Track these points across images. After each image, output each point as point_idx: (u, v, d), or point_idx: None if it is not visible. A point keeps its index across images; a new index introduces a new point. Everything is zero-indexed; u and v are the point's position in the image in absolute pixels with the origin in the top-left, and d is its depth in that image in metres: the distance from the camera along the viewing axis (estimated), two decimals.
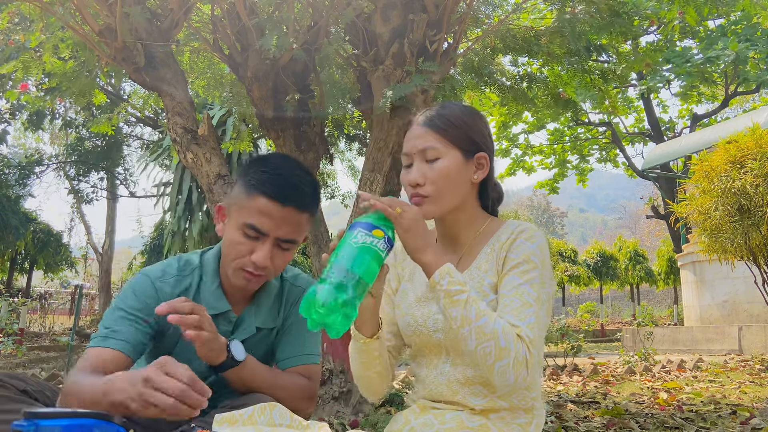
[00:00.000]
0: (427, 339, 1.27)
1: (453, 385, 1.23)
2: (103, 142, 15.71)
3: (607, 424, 3.14)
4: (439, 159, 1.24)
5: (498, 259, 1.23)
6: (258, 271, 1.35)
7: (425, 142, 1.25)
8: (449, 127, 1.26)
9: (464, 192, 1.27)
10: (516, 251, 1.21)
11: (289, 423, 1.18)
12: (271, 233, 1.33)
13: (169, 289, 1.40)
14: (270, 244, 1.33)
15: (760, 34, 8.29)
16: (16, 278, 18.57)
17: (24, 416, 0.78)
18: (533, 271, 1.18)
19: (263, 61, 3.45)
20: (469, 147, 1.26)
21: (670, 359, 7.15)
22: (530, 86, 4.80)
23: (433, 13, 3.32)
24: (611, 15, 3.81)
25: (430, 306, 1.27)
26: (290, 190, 1.33)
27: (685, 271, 10.33)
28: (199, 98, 6.28)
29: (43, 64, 3.86)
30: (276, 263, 1.36)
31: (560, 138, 15.90)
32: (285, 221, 1.33)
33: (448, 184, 1.24)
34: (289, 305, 1.52)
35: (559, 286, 22.16)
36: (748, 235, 4.14)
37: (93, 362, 1.26)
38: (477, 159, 1.28)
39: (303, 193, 1.35)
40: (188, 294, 1.41)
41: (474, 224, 1.31)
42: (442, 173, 1.23)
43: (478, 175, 1.28)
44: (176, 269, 1.44)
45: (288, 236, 1.34)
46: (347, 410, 3.30)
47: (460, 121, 1.28)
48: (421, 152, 1.25)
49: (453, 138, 1.25)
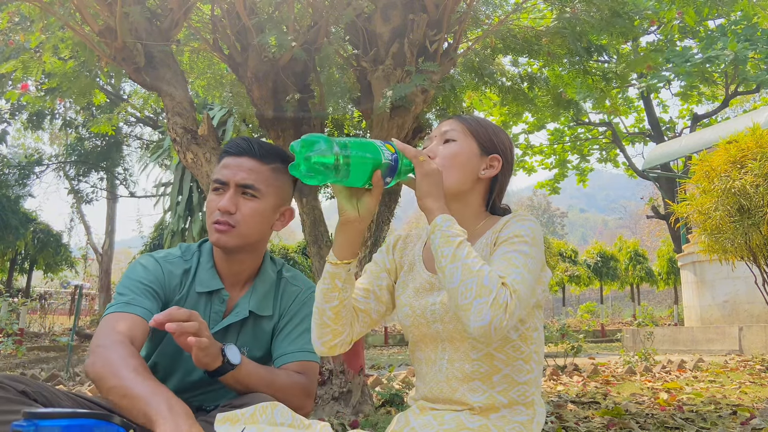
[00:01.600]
0: (425, 330, 1.27)
1: (452, 381, 1.23)
2: (103, 142, 15.72)
3: (608, 425, 3.14)
4: (453, 141, 1.31)
5: (490, 245, 1.25)
6: (224, 218, 1.42)
7: (449, 126, 1.34)
8: (476, 124, 1.34)
9: (469, 180, 1.30)
10: (506, 230, 1.22)
11: (291, 422, 1.18)
12: (230, 180, 1.44)
13: (173, 268, 1.48)
14: (232, 191, 1.43)
15: (760, 34, 8.30)
16: (16, 278, 18.57)
17: (24, 416, 0.78)
18: (522, 243, 1.18)
19: (263, 61, 3.45)
20: (487, 145, 1.32)
21: (671, 359, 7.15)
22: (531, 87, 4.79)
23: (433, 13, 3.32)
24: (611, 15, 3.80)
25: (429, 297, 1.28)
26: (243, 143, 1.48)
27: (686, 272, 10.32)
28: (199, 98, 6.28)
29: (43, 64, 3.85)
30: (243, 211, 1.43)
31: (560, 138, 15.91)
32: (241, 168, 1.44)
33: (455, 164, 1.28)
34: (285, 301, 1.54)
35: (559, 286, 22.17)
36: (748, 235, 4.14)
37: (122, 329, 1.30)
38: (491, 159, 1.32)
39: (256, 145, 1.47)
40: (188, 275, 1.48)
41: (475, 220, 1.32)
42: (453, 151, 1.30)
43: (486, 172, 1.31)
44: (180, 252, 1.53)
45: (246, 181, 1.43)
46: (347, 410, 3.30)
47: (488, 125, 1.36)
48: (442, 134, 1.33)
49: (475, 132, 1.33)
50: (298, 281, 1.58)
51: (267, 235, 1.52)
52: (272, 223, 1.51)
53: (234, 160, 1.46)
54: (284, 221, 1.54)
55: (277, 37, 3.08)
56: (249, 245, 1.47)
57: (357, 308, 1.32)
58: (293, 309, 1.53)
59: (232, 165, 1.45)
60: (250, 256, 1.50)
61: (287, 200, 1.54)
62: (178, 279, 1.48)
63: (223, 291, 1.48)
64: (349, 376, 3.33)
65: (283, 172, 1.50)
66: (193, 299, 1.47)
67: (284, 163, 1.50)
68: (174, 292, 1.46)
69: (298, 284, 1.57)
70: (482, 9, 4.23)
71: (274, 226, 1.52)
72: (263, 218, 1.46)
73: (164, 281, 1.45)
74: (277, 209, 1.50)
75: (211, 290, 1.47)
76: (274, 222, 1.51)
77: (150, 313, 1.34)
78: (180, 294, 1.46)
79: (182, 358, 1.43)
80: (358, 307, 1.32)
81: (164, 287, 1.45)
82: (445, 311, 1.24)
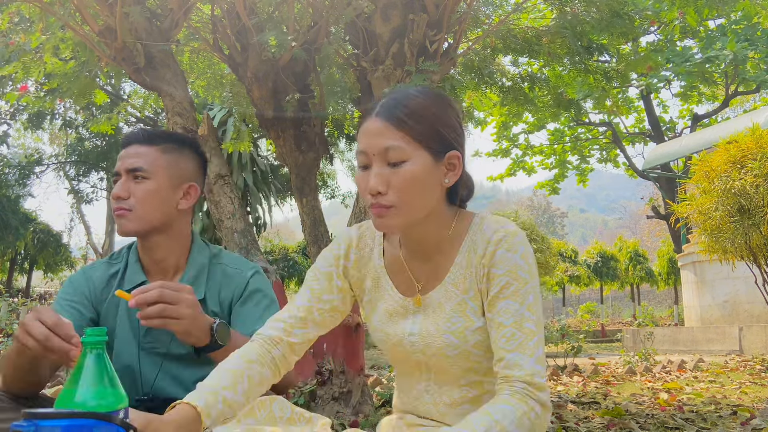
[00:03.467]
0: (405, 357, 1.17)
1: (440, 406, 1.15)
2: (103, 142, 15.73)
3: (608, 425, 3.14)
4: (404, 162, 1.04)
5: (478, 276, 1.10)
6: (118, 203, 1.43)
7: (387, 140, 1.05)
8: (415, 122, 1.06)
9: (434, 198, 1.09)
10: (500, 266, 1.08)
11: (290, 415, 1.15)
12: (121, 169, 1.46)
13: (98, 274, 1.51)
14: (124, 178, 1.45)
15: (760, 34, 8.30)
16: (16, 278, 18.57)
17: (23, 417, 0.78)
18: (524, 288, 1.06)
19: (263, 61, 3.45)
20: (439, 146, 1.07)
21: (671, 359, 7.14)
22: (531, 87, 4.79)
23: (433, 13, 3.32)
24: (611, 15, 3.80)
25: (404, 323, 1.16)
26: (131, 133, 1.53)
27: (686, 272, 10.32)
28: (199, 98, 6.28)
29: (44, 64, 3.85)
30: (136, 195, 1.43)
31: (560, 138, 15.89)
32: (128, 155, 1.47)
33: (416, 193, 1.05)
34: (225, 286, 1.50)
35: (560, 287, 22.15)
36: (748, 236, 4.14)
37: None
38: (448, 159, 1.09)
39: (141, 131, 1.51)
40: (116, 277, 1.51)
41: (443, 227, 1.14)
42: (409, 180, 1.04)
43: (449, 178, 1.10)
44: (107, 258, 1.57)
45: (133, 165, 1.45)
46: (347, 410, 3.30)
47: (428, 113, 1.07)
48: (382, 153, 1.05)
49: (420, 136, 1.05)
50: (225, 259, 1.54)
51: (175, 216, 1.48)
52: (175, 203, 1.48)
53: (125, 151, 1.48)
54: (190, 199, 1.51)
55: (277, 37, 3.08)
56: (155, 228, 1.45)
57: (292, 343, 1.17)
58: (245, 295, 1.49)
59: (122, 155, 1.48)
60: (165, 240, 1.47)
61: (188, 178, 1.51)
62: (104, 283, 1.50)
63: (147, 283, 1.46)
64: (349, 376, 3.32)
65: (175, 151, 1.50)
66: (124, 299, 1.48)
67: (175, 143, 1.52)
68: (101, 297, 1.49)
69: (237, 266, 1.53)
70: (482, 9, 4.23)
71: (179, 204, 1.49)
72: (159, 198, 1.45)
73: (88, 290, 1.49)
74: (177, 188, 1.48)
75: (136, 285, 1.45)
76: (178, 201, 1.49)
77: None
78: (109, 297, 1.48)
79: (124, 345, 1.47)
80: (292, 342, 1.17)
81: (90, 295, 1.49)
82: (426, 345, 1.12)
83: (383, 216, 1.06)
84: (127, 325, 1.47)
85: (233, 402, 1.06)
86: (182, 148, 1.52)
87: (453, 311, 1.12)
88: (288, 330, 1.17)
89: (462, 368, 1.13)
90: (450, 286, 1.14)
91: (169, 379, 1.45)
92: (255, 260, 3.20)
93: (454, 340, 1.11)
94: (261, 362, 1.13)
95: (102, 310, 1.49)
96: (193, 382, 1.45)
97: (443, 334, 1.12)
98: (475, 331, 1.11)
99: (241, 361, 1.12)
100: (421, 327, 1.14)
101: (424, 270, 1.17)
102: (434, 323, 1.13)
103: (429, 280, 1.16)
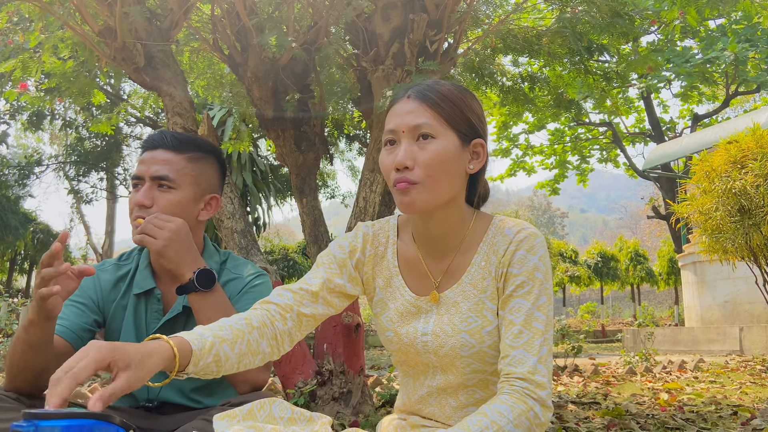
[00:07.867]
0: (414, 358, 1.16)
1: (445, 408, 1.15)
2: (102, 142, 15.72)
3: (608, 425, 3.13)
4: (434, 139, 1.05)
5: (497, 275, 1.10)
6: (140, 212, 1.40)
7: (419, 117, 1.06)
8: (446, 103, 1.08)
9: (458, 183, 1.10)
10: (518, 266, 1.08)
11: (291, 416, 1.13)
12: (144, 174, 1.42)
13: (107, 276, 1.50)
14: (147, 185, 1.41)
15: (760, 34, 8.30)
16: (16, 278, 18.57)
17: (23, 417, 0.78)
18: (539, 288, 1.07)
19: (263, 62, 3.45)
20: (466, 130, 1.09)
21: (671, 360, 7.14)
22: (531, 87, 4.79)
23: (434, 13, 3.32)
24: (612, 15, 3.80)
25: (417, 323, 1.15)
26: (156, 136, 1.46)
27: (686, 272, 10.32)
28: (199, 98, 6.28)
29: (43, 64, 3.85)
30: (160, 204, 1.40)
31: (561, 138, 15.90)
32: (154, 161, 1.42)
33: (442, 171, 1.05)
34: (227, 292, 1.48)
35: (560, 287, 22.17)
36: (748, 236, 4.13)
37: None
38: (473, 146, 1.10)
39: (169, 136, 1.45)
40: (125, 279, 1.49)
41: (463, 223, 1.14)
42: (436, 157, 1.04)
43: (474, 165, 1.11)
44: (116, 259, 1.55)
45: (159, 173, 1.41)
46: (347, 411, 3.30)
47: (458, 99, 1.10)
48: (413, 129, 1.06)
49: (450, 117, 1.07)
50: (238, 270, 1.53)
51: (193, 226, 1.46)
52: (196, 214, 1.46)
53: (149, 154, 1.43)
54: (210, 210, 1.49)
55: (277, 37, 3.08)
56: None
57: (301, 314, 1.13)
58: (242, 292, 1.48)
59: (147, 159, 1.43)
60: None
61: (211, 189, 1.49)
62: (111, 285, 1.49)
63: (156, 290, 1.46)
64: (350, 376, 3.32)
65: (201, 160, 1.47)
66: (132, 302, 1.47)
67: (202, 152, 1.48)
68: (109, 299, 1.48)
69: (237, 273, 1.51)
70: (482, 9, 4.23)
71: (199, 216, 1.47)
72: (182, 209, 1.42)
73: (95, 292, 1.47)
74: (200, 199, 1.46)
75: (145, 290, 1.46)
76: (199, 212, 1.46)
77: (68, 329, 1.38)
78: (117, 299, 1.48)
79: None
80: (302, 312, 1.13)
81: (97, 296, 1.47)
82: (439, 345, 1.11)
83: (408, 192, 1.05)
84: (132, 328, 1.47)
85: (226, 360, 1.00)
86: (207, 156, 1.49)
87: (470, 311, 1.11)
88: (299, 300, 1.12)
89: (473, 369, 1.12)
90: (468, 286, 1.13)
91: (175, 383, 1.44)
92: (255, 260, 3.20)
93: (470, 340, 1.10)
94: (261, 332, 1.07)
95: (109, 313, 1.48)
96: (197, 387, 1.45)
97: (459, 334, 1.11)
98: (490, 332, 1.10)
99: (244, 323, 1.06)
100: (435, 326, 1.13)
101: (440, 268, 1.16)
102: (450, 322, 1.12)
103: (445, 278, 1.15)
